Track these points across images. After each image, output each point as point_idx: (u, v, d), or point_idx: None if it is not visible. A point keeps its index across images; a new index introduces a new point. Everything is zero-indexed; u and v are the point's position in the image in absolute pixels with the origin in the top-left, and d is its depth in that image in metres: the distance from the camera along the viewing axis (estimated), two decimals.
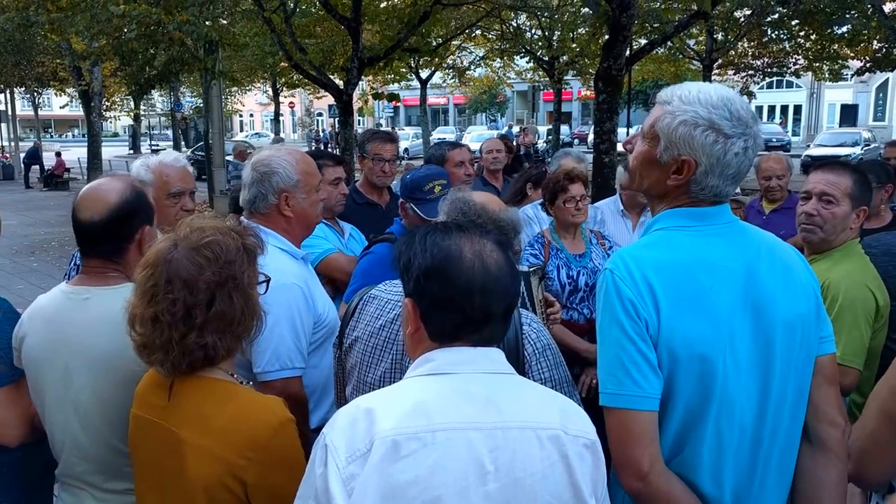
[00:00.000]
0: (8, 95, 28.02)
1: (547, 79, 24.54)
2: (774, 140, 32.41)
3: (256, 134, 47.59)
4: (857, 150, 23.69)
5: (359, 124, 46.70)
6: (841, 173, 2.67)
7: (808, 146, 28.67)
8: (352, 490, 1.28)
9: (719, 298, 1.61)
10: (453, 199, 2.15)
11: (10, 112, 28.34)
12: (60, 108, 41.63)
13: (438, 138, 36.08)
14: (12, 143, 29.35)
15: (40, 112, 33.86)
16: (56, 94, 28.55)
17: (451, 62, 28.41)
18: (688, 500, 1.62)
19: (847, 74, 21.77)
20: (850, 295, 2.48)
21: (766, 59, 22.06)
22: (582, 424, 1.40)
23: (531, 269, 2.81)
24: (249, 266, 1.69)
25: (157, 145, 39.81)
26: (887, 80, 36.80)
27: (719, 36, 20.49)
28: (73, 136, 64.44)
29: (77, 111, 35.25)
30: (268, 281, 1.80)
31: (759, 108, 43.67)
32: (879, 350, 2.63)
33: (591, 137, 13.11)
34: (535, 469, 1.32)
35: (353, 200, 3.82)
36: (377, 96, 15.83)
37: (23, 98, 34.52)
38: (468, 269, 1.38)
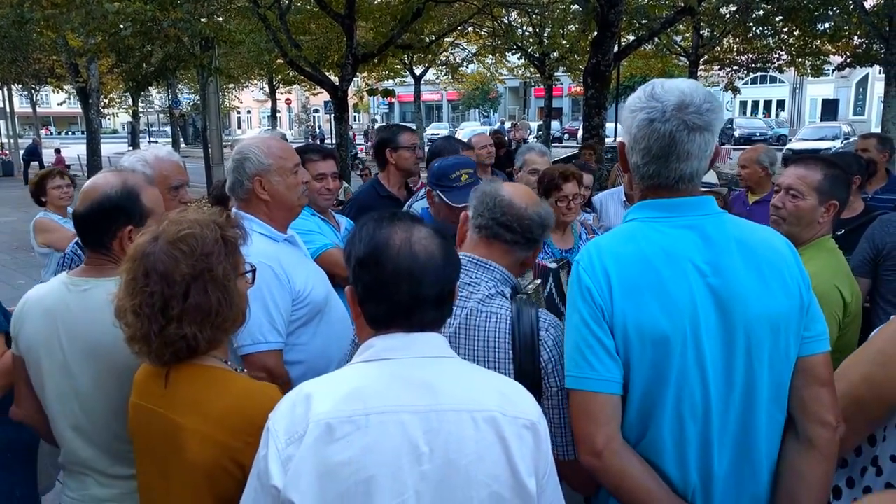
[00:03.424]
0: (5, 92, 27.93)
1: (538, 75, 24.51)
2: (758, 134, 33.03)
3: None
4: (838, 144, 24.07)
5: (354, 120, 46.78)
6: (812, 168, 2.68)
7: (791, 140, 28.99)
8: (289, 471, 1.34)
9: (677, 289, 1.64)
10: (482, 192, 2.06)
11: (7, 109, 28.24)
12: (58, 104, 41.67)
13: (432, 134, 36.33)
14: (11, 140, 29.33)
15: (38, 109, 33.87)
16: (54, 90, 28.47)
17: (444, 59, 28.55)
18: (644, 478, 1.67)
19: (828, 70, 21.96)
20: (817, 294, 2.50)
21: (750, 55, 22.08)
22: (522, 406, 1.44)
23: (560, 265, 2.75)
24: (228, 257, 1.69)
25: (156, 142, 39.93)
26: (867, 75, 37.05)
27: (705, 32, 20.60)
28: (73, 133, 64.31)
29: (76, 108, 35.20)
30: (254, 270, 1.83)
31: (744, 103, 44.29)
32: (854, 342, 2.65)
33: (580, 132, 13.38)
34: (469, 450, 1.36)
35: (376, 192, 3.95)
36: (372, 92, 16.04)
37: (20, 95, 34.58)
38: (394, 256, 1.43)
